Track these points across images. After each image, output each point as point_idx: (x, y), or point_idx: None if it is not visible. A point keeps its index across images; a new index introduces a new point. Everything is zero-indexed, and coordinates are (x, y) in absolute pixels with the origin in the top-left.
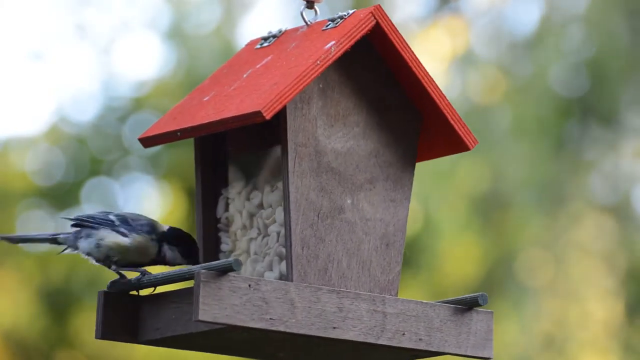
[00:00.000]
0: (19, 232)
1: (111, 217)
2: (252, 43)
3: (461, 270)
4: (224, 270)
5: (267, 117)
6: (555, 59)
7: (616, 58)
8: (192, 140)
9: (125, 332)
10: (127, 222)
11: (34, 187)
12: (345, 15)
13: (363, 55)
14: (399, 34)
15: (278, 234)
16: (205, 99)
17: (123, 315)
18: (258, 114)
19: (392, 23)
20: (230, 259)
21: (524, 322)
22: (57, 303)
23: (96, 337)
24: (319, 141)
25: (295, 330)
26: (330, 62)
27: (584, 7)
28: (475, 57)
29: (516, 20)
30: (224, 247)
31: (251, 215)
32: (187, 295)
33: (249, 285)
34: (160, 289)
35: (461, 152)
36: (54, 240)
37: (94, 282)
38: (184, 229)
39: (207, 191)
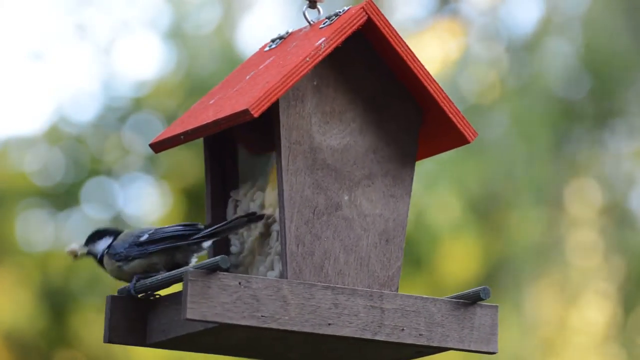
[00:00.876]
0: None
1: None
2: (264, 46)
3: (459, 271)
4: (212, 269)
5: (255, 115)
6: (554, 59)
7: (615, 59)
8: (194, 141)
9: (133, 335)
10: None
11: (33, 187)
12: (340, 12)
13: (359, 52)
14: (393, 28)
15: (277, 232)
16: (211, 102)
17: (131, 319)
18: (246, 112)
19: (385, 18)
20: (218, 257)
21: (523, 324)
22: (57, 303)
23: (104, 341)
24: (314, 138)
25: (288, 327)
26: (319, 58)
27: (583, 8)
28: (474, 58)
29: (515, 21)
30: (233, 249)
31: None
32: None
33: (239, 283)
34: (167, 291)
35: (461, 145)
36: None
37: (94, 282)
38: None
39: (217, 194)
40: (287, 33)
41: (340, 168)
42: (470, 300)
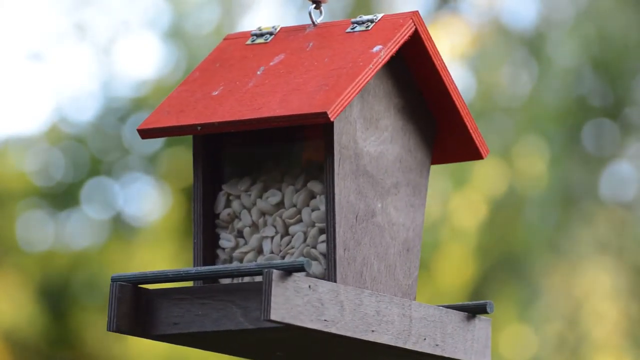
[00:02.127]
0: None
1: None
2: (237, 37)
3: (467, 270)
4: (294, 270)
5: (332, 119)
6: (562, 54)
7: (625, 52)
8: (189, 138)
9: (139, 325)
10: None
11: (33, 187)
12: (374, 18)
13: (391, 61)
14: (433, 41)
15: (304, 233)
16: (214, 94)
17: (136, 308)
18: (323, 115)
19: (427, 30)
20: (301, 259)
21: (536, 323)
22: (57, 303)
23: (108, 330)
24: (358, 144)
25: (343, 332)
26: (380, 65)
27: (591, 3)
28: (479, 56)
29: (521, 17)
30: (224, 243)
31: (263, 214)
32: (221, 293)
33: (309, 286)
34: (180, 284)
35: (475, 159)
36: None
37: (94, 282)
38: (184, 228)
39: (207, 187)
40: (274, 28)
41: (375, 175)
42: (472, 312)
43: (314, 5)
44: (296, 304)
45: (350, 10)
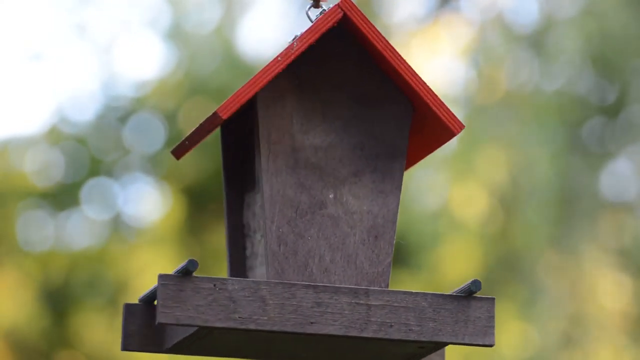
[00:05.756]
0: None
1: None
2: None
3: (470, 268)
4: (183, 273)
5: (224, 118)
6: (562, 52)
7: (628, 50)
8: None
9: (148, 342)
10: None
11: (33, 187)
12: (325, 9)
13: (347, 49)
14: (371, 24)
15: None
16: None
17: (145, 326)
18: (215, 115)
19: (362, 14)
20: (187, 261)
21: (538, 321)
22: (57, 303)
23: (121, 349)
24: (296, 138)
25: (267, 328)
26: (292, 57)
27: (590, 1)
28: (480, 54)
29: (522, 14)
30: (247, 251)
31: (258, 218)
32: None
33: (214, 285)
34: None
35: (449, 139)
36: None
37: (94, 282)
38: (183, 229)
39: (232, 197)
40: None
41: (324, 166)
42: (465, 294)
43: (312, 5)
44: (196, 304)
45: None
